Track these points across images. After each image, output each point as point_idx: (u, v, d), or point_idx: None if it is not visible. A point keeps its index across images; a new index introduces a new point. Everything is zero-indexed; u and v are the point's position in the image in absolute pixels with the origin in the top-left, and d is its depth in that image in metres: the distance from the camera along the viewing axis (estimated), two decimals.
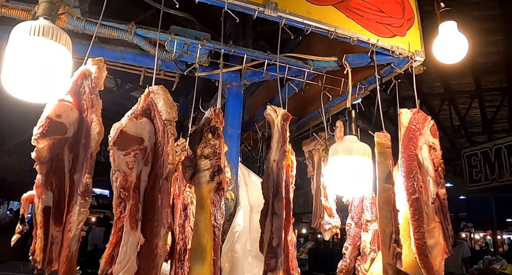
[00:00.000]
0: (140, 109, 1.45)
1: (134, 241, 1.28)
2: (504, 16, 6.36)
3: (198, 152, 1.47)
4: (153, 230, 1.32)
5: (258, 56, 2.23)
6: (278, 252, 1.55)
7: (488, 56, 7.64)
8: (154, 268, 1.29)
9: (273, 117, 1.75)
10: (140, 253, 1.30)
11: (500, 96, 9.26)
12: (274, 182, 1.62)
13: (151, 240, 1.31)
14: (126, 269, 1.26)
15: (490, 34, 6.87)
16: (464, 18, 6.41)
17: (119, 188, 1.31)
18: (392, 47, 2.12)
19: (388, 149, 1.80)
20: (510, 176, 8.35)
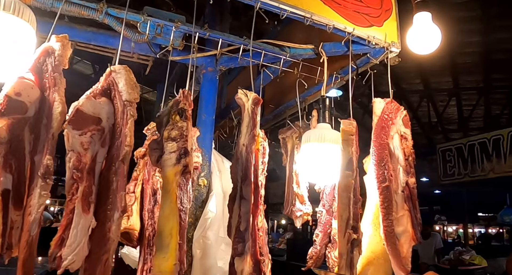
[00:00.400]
0: (99, 89, 1.40)
1: (86, 224, 1.24)
2: (483, 18, 6.49)
3: (165, 134, 1.43)
4: (107, 214, 1.28)
5: (233, 41, 2.20)
6: (245, 237, 1.53)
7: (467, 56, 7.81)
8: (105, 252, 1.25)
9: (244, 101, 1.72)
10: (92, 237, 1.27)
11: (477, 96, 9.52)
12: (242, 166, 1.60)
13: (103, 224, 1.27)
14: (76, 252, 1.22)
15: (470, 35, 7.00)
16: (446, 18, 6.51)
17: (72, 168, 1.26)
18: (368, 37, 2.12)
19: (351, 136, 1.80)
20: (481, 172, 8.59)
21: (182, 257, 1.37)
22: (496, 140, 8.35)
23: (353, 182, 1.79)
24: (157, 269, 1.36)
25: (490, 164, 8.37)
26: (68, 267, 1.26)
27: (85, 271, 1.32)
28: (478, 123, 10.83)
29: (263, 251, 1.88)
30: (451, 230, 18.63)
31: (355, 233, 1.72)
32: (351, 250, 1.72)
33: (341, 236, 1.74)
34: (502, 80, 8.80)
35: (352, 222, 1.73)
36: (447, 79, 8.96)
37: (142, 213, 1.85)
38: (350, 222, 1.73)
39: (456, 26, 6.64)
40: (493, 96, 9.54)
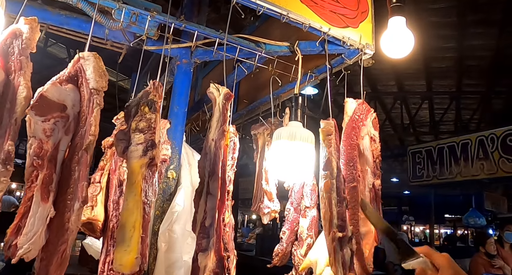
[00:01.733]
0: (66, 75, 1.36)
1: (44, 213, 1.22)
2: (459, 24, 6.65)
3: (133, 125, 1.40)
4: (66, 204, 1.25)
5: (209, 34, 2.17)
6: (210, 233, 1.52)
7: (441, 61, 8.01)
8: (63, 243, 1.23)
9: (215, 96, 1.71)
10: (51, 226, 1.24)
11: (449, 100, 9.80)
12: (211, 161, 1.59)
13: (63, 214, 1.24)
14: (32, 241, 1.19)
15: (445, 40, 7.18)
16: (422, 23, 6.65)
17: (32, 155, 1.23)
18: (343, 37, 2.13)
19: (329, 136, 1.81)
20: (449, 174, 8.86)
21: (144, 251, 1.35)
22: (465, 144, 8.61)
23: (334, 182, 1.79)
24: (118, 262, 1.34)
25: (458, 167, 8.64)
26: (23, 256, 1.22)
27: (41, 261, 1.29)
28: (448, 127, 11.15)
29: (229, 247, 1.88)
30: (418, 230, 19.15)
31: (341, 231, 1.72)
32: (339, 248, 1.72)
33: (327, 235, 1.75)
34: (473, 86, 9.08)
35: (337, 221, 1.73)
36: (421, 83, 9.18)
37: (107, 203, 1.82)
38: (334, 221, 1.73)
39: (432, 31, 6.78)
40: (464, 102, 9.83)
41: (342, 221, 1.67)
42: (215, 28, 2.27)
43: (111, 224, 1.84)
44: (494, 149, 7.95)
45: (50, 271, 1.28)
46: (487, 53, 7.52)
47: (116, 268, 1.36)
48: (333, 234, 1.63)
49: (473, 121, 10.60)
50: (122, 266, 1.34)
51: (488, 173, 8.05)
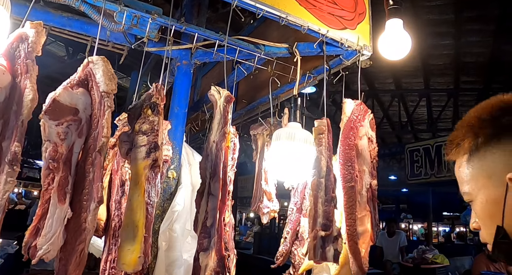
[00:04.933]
0: (77, 79, 1.40)
1: (61, 214, 1.25)
2: (456, 22, 6.67)
3: (136, 127, 1.44)
4: (82, 204, 1.29)
5: (209, 36, 2.20)
6: (211, 233, 1.56)
7: (438, 59, 8.03)
8: (81, 243, 1.27)
9: (216, 98, 1.74)
10: (68, 227, 1.27)
11: (446, 97, 9.82)
12: (212, 162, 1.62)
13: (79, 214, 1.28)
14: (51, 242, 1.23)
15: (442, 37, 7.20)
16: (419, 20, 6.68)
17: (48, 158, 1.26)
18: (341, 39, 2.17)
19: (320, 135, 1.85)
20: (447, 172, 8.89)
21: (147, 250, 1.39)
22: None
23: (321, 181, 1.83)
24: (122, 261, 1.38)
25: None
26: (43, 257, 1.27)
27: (60, 260, 1.33)
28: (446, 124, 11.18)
29: (229, 246, 1.92)
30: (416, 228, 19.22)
31: (325, 230, 1.75)
32: (320, 245, 1.76)
33: (310, 232, 1.79)
34: (471, 83, 9.11)
35: (322, 220, 1.76)
36: (419, 80, 9.21)
37: (109, 203, 1.85)
38: (318, 220, 1.76)
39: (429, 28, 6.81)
40: (462, 99, 9.86)
41: (327, 220, 1.70)
42: (214, 28, 2.31)
43: (113, 223, 1.88)
44: None
45: (69, 270, 1.32)
46: (484, 50, 7.53)
47: (120, 267, 1.39)
48: (316, 232, 1.67)
49: None
50: (125, 265, 1.38)
51: None
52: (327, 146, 1.88)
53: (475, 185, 0.97)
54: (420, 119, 11.27)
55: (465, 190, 0.99)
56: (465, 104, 10.04)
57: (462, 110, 10.27)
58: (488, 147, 0.93)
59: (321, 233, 1.74)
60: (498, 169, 0.91)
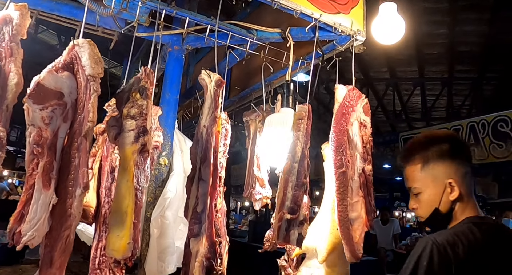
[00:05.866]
0: (62, 63, 1.36)
1: (46, 200, 1.23)
2: (450, 10, 6.63)
3: (125, 111, 1.41)
4: (68, 190, 1.27)
5: (200, 20, 2.16)
6: (202, 218, 1.55)
7: (433, 47, 7.99)
8: (67, 229, 1.25)
9: (207, 83, 1.71)
10: (53, 213, 1.25)
11: (440, 86, 9.81)
12: (202, 147, 1.60)
13: (65, 200, 1.26)
14: (36, 228, 1.20)
15: (437, 26, 7.16)
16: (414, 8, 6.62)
17: (32, 143, 1.23)
18: (334, 23, 2.13)
19: (300, 121, 1.83)
20: None
21: (137, 236, 1.37)
22: (456, 130, 8.63)
23: (295, 165, 1.81)
24: (111, 247, 1.36)
25: None
26: (28, 243, 1.24)
27: (45, 247, 1.31)
28: (440, 113, 11.19)
29: (221, 233, 1.91)
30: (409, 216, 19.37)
31: (292, 213, 1.75)
32: (286, 228, 1.75)
33: (276, 214, 1.79)
34: (465, 72, 9.10)
35: (290, 203, 1.76)
36: (413, 69, 9.18)
37: (99, 190, 1.83)
38: (286, 203, 1.76)
39: (424, 17, 6.77)
40: (456, 88, 9.86)
41: (295, 204, 1.70)
42: (206, 14, 2.26)
43: (103, 210, 1.86)
44: (485, 135, 7.99)
45: (54, 257, 1.30)
46: (479, 39, 7.51)
47: (109, 253, 1.38)
48: (282, 214, 1.67)
49: (465, 107, 10.65)
50: (114, 251, 1.36)
51: (479, 158, 8.10)
52: (305, 132, 1.86)
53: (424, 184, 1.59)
54: (414, 108, 11.27)
55: (416, 186, 1.58)
56: (459, 93, 10.06)
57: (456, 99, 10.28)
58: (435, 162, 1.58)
59: (287, 215, 1.74)
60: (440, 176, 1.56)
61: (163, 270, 2.23)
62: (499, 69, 8.77)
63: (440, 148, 1.64)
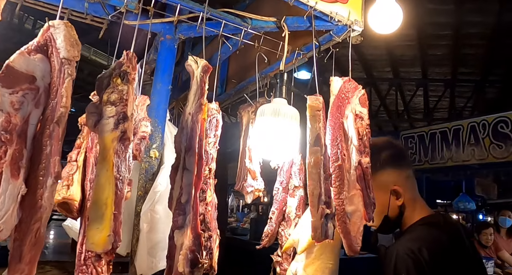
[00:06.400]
0: (35, 45, 1.28)
1: (14, 191, 1.15)
2: (456, 12, 6.57)
3: (104, 97, 1.33)
4: (39, 180, 1.18)
5: (192, 7, 2.09)
6: (186, 209, 1.47)
7: (437, 49, 7.96)
8: (37, 221, 1.17)
9: (193, 68, 1.64)
10: (23, 204, 1.17)
11: (443, 88, 9.79)
12: (187, 136, 1.52)
13: (35, 191, 1.18)
14: (3, 220, 1.12)
15: (442, 28, 7.12)
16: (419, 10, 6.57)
17: (0, 130, 1.15)
18: (331, 12, 2.05)
19: (318, 112, 1.75)
20: (441, 160, 8.88)
21: (118, 228, 1.29)
22: (457, 130, 8.60)
23: (322, 158, 1.75)
24: (90, 241, 1.29)
25: (449, 152, 8.65)
26: None
27: (15, 241, 1.23)
28: (442, 114, 11.15)
29: (211, 226, 1.84)
30: None
31: (328, 208, 1.68)
32: (325, 223, 1.69)
33: (315, 211, 1.71)
34: (468, 74, 9.06)
35: (324, 198, 1.69)
36: (416, 70, 9.14)
37: (84, 182, 1.75)
38: (322, 198, 1.69)
39: (429, 18, 6.72)
40: (459, 89, 9.83)
41: (328, 198, 1.64)
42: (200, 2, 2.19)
43: (88, 203, 1.78)
44: (485, 135, 7.97)
45: (24, 251, 1.22)
46: (483, 41, 7.48)
47: (89, 247, 1.31)
48: (322, 210, 1.59)
49: (467, 109, 10.62)
50: (94, 245, 1.29)
51: (479, 158, 8.08)
52: (323, 123, 1.79)
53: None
54: (416, 109, 11.23)
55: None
56: (461, 95, 10.01)
57: (458, 101, 10.23)
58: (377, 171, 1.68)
59: (327, 210, 1.68)
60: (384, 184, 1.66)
61: (154, 266, 2.15)
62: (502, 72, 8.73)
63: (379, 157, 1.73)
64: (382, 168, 1.76)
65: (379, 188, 1.72)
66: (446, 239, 1.56)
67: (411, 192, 1.76)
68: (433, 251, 1.46)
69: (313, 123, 1.75)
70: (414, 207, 1.69)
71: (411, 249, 1.45)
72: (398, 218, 1.69)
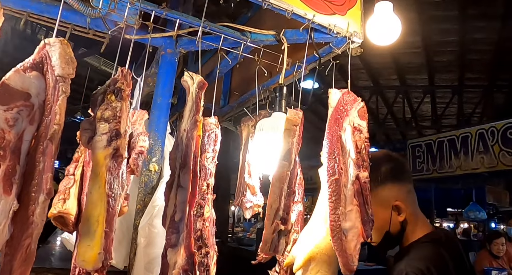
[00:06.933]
0: (31, 62, 1.29)
1: (6, 206, 1.15)
2: (460, 18, 6.54)
3: (98, 114, 1.34)
4: (31, 196, 1.19)
5: (191, 22, 2.10)
6: (180, 228, 1.46)
7: (443, 55, 7.92)
8: (28, 237, 1.17)
9: (189, 84, 1.64)
10: (15, 220, 1.17)
11: (451, 94, 9.70)
12: (182, 152, 1.52)
13: (27, 207, 1.18)
14: None
15: (447, 34, 7.08)
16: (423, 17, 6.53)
17: None
18: (329, 25, 2.05)
19: (294, 126, 1.74)
20: (449, 168, 8.74)
21: (109, 246, 1.28)
22: (465, 138, 8.50)
23: (288, 173, 1.73)
24: (81, 258, 1.28)
25: (458, 160, 8.53)
26: None
27: (5, 256, 1.23)
28: (451, 121, 11.05)
29: (209, 242, 1.82)
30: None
31: (283, 224, 1.68)
32: (277, 238, 1.69)
33: (268, 225, 1.71)
34: (475, 80, 8.98)
35: (282, 213, 1.68)
36: (423, 77, 9.09)
37: (81, 196, 1.75)
38: (279, 213, 1.68)
39: (433, 24, 6.70)
40: (466, 95, 9.74)
41: (286, 214, 1.62)
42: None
43: None
44: (494, 142, 7.85)
45: (14, 267, 1.22)
46: (489, 47, 7.43)
47: (79, 264, 1.30)
48: (276, 225, 1.59)
49: (475, 115, 10.50)
50: (84, 262, 1.28)
51: (488, 166, 7.95)
52: (298, 139, 1.78)
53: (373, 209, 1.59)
54: (424, 116, 11.14)
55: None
56: (469, 101, 9.91)
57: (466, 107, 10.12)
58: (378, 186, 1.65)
59: (281, 227, 1.67)
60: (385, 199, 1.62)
61: None
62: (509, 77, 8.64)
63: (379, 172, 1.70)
64: (382, 183, 1.73)
65: (380, 204, 1.69)
66: (449, 257, 1.54)
67: (412, 207, 1.73)
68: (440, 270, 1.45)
69: (287, 137, 1.73)
70: (416, 222, 1.67)
71: (420, 269, 1.43)
72: (399, 234, 1.67)
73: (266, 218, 1.58)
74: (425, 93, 9.77)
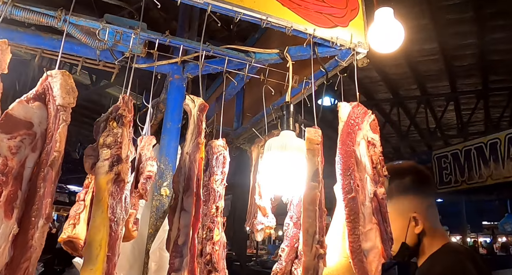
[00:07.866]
0: (34, 93, 1.37)
1: (7, 230, 1.19)
2: (477, 19, 6.36)
3: (101, 140, 1.37)
4: (31, 220, 1.23)
5: (194, 47, 2.14)
6: (183, 252, 1.44)
7: (463, 59, 7.68)
8: (26, 261, 1.19)
9: (190, 108, 1.65)
10: (15, 243, 1.21)
11: (475, 99, 9.33)
12: (185, 175, 1.51)
13: (27, 231, 1.22)
14: None
15: (464, 37, 6.88)
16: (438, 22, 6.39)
17: None
18: (331, 37, 2.04)
19: (317, 145, 1.69)
20: (479, 178, 8.31)
21: (111, 270, 1.28)
22: (493, 144, 8.10)
23: (319, 194, 1.67)
24: None
25: (488, 169, 8.11)
26: None
27: None
28: (478, 128, 10.64)
29: (219, 266, 1.78)
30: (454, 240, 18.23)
31: (321, 247, 1.60)
32: (317, 263, 1.61)
33: (308, 251, 1.61)
34: (500, 82, 8.60)
35: (318, 236, 1.60)
36: (444, 84, 8.83)
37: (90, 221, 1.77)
38: (316, 236, 1.61)
39: (449, 29, 6.53)
40: (493, 99, 9.34)
41: (322, 237, 1.55)
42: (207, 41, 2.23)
43: None
44: None
45: None
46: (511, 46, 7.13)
47: None
48: (316, 249, 1.51)
49: (504, 119, 10.02)
50: None
51: None
52: (322, 157, 1.73)
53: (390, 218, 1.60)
54: (449, 125, 10.76)
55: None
56: (496, 105, 9.51)
57: (493, 111, 9.73)
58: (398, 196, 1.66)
59: (321, 250, 1.58)
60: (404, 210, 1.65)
61: None
62: None
63: (401, 182, 1.70)
64: (405, 193, 1.74)
65: (398, 213, 1.70)
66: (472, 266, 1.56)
67: (432, 221, 1.73)
68: None
69: (311, 157, 1.67)
70: (434, 236, 1.69)
71: None
72: (416, 246, 1.68)
73: (304, 244, 1.51)
74: (448, 101, 9.46)
